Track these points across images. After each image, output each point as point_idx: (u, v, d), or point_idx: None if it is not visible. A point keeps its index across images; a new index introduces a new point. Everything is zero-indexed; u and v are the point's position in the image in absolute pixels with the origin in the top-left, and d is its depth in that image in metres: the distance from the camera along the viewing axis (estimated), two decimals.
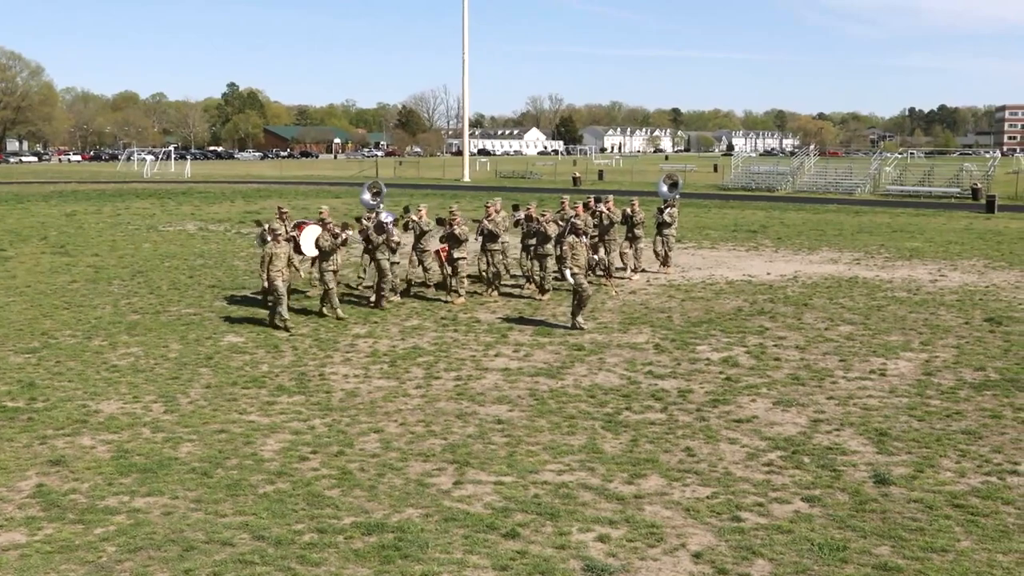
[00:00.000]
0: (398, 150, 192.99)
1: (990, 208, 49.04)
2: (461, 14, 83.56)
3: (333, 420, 12.95)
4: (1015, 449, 11.73)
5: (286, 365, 16.01)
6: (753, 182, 72.61)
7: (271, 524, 9.44)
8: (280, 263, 18.82)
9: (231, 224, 41.46)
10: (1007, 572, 8.44)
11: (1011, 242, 34.66)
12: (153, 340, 17.82)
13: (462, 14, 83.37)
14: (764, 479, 10.74)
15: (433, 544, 8.98)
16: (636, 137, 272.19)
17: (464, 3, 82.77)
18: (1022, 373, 15.34)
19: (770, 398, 14.02)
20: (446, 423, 12.84)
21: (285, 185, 75.19)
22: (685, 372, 15.54)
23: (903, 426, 12.66)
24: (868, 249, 32.39)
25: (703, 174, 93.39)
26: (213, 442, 12.02)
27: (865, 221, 43.62)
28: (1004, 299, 22.22)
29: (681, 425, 12.72)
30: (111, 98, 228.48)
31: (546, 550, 8.88)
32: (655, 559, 8.74)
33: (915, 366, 15.88)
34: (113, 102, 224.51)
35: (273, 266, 18.71)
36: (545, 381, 15.00)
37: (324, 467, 11.12)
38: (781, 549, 8.90)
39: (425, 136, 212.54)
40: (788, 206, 53.29)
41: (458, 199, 55.91)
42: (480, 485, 10.56)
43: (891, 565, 8.54)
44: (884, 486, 10.49)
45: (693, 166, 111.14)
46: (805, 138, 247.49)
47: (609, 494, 10.28)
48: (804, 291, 23.29)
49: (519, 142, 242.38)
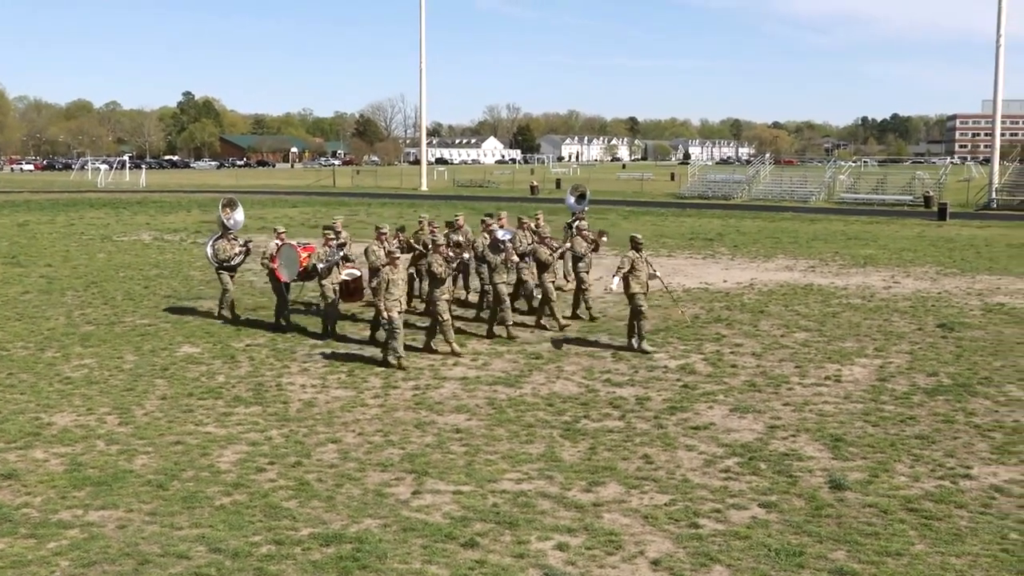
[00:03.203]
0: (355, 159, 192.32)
1: (942, 215, 49.71)
2: (418, 23, 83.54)
3: (290, 431, 12.88)
4: (967, 453, 11.89)
5: (243, 376, 15.89)
6: (710, 190, 73.13)
7: (228, 536, 9.36)
8: (398, 291, 16.40)
9: (187, 234, 41.13)
10: (960, 574, 8.54)
11: (962, 249, 35.14)
12: (107, 351, 17.63)
13: (419, 23, 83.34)
14: (721, 485, 10.80)
15: (392, 554, 8.95)
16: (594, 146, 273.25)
17: (421, 12, 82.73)
18: (974, 378, 15.55)
19: (727, 405, 14.11)
20: (404, 433, 12.80)
21: (242, 194, 74.61)
22: (643, 380, 15.61)
23: (858, 431, 12.78)
24: (823, 256, 32.70)
25: (660, 183, 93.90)
26: (169, 454, 11.91)
27: (820, 229, 44.04)
28: (956, 305, 22.51)
29: (639, 433, 12.77)
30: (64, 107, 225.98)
31: (505, 559, 8.87)
32: (614, 567, 8.76)
33: (869, 372, 16.05)
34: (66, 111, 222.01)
35: (390, 294, 16.19)
36: (503, 390, 15.00)
37: (281, 478, 11.05)
38: (738, 555, 8.95)
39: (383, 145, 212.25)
40: (744, 214, 53.69)
41: (416, 208, 55.86)
42: (439, 495, 10.53)
43: (847, 570, 8.62)
44: (840, 491, 10.59)
45: (650, 174, 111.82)
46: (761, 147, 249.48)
47: (568, 502, 10.30)
48: (760, 298, 23.47)
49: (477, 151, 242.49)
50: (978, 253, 33.74)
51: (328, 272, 18.70)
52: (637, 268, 17.34)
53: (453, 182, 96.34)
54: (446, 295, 17.19)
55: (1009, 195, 61.22)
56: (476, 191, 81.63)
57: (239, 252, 20.82)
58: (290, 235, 32.43)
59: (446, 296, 17.19)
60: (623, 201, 65.41)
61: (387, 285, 16.17)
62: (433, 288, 17.14)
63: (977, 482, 10.89)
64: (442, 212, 50.68)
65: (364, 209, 56.03)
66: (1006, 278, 27.26)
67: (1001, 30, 60.58)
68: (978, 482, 10.89)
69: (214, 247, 20.65)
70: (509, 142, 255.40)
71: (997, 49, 60.93)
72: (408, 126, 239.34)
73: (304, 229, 41.53)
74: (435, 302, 17.09)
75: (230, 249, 20.65)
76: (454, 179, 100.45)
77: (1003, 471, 11.26)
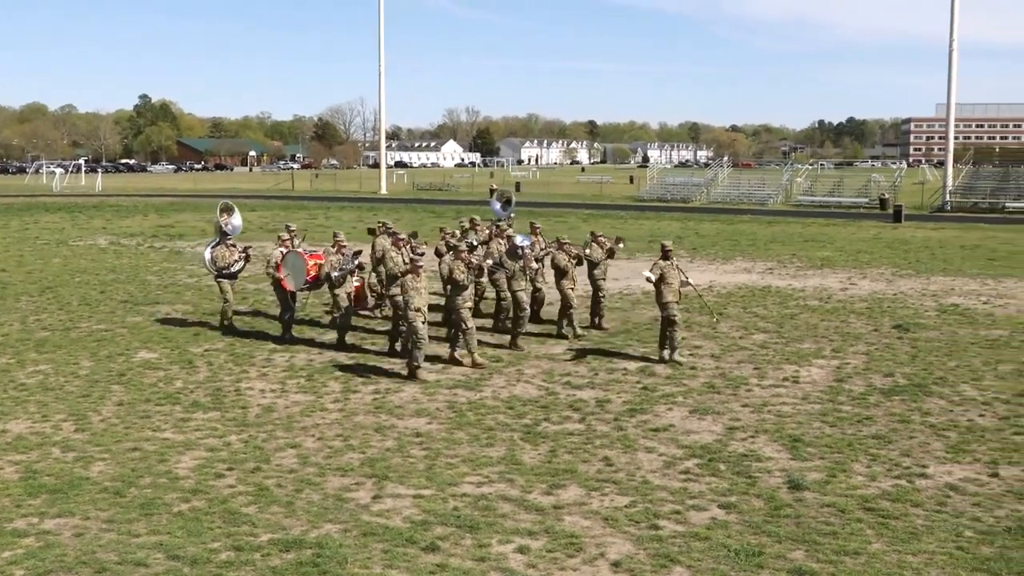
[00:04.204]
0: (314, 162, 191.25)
1: (897, 218, 50.29)
2: (377, 26, 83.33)
3: (249, 436, 12.79)
4: (923, 452, 12.03)
5: (201, 381, 15.77)
6: (668, 193, 73.49)
7: (186, 543, 9.28)
8: (421, 300, 15.70)
9: (144, 238, 40.75)
10: (916, 572, 8.64)
11: (917, 250, 35.57)
12: (63, 357, 17.42)
13: (378, 26, 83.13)
14: (681, 487, 10.85)
15: (352, 559, 8.92)
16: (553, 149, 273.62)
17: (380, 15, 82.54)
18: (929, 378, 15.74)
19: (686, 407, 14.19)
20: (364, 437, 12.76)
21: (199, 198, 74.12)
22: (603, 382, 15.65)
23: (816, 432, 12.90)
24: (781, 258, 32.97)
25: (619, 186, 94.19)
26: (126, 461, 11.79)
27: (777, 231, 44.41)
28: (911, 306, 22.78)
29: (599, 435, 12.80)
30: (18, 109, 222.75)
31: (466, 563, 8.86)
32: (575, 569, 8.78)
33: (827, 373, 16.20)
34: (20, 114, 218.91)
35: (413, 304, 15.63)
36: (463, 393, 14.99)
37: (240, 484, 10.98)
38: (698, 556, 9.00)
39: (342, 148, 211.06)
40: (703, 217, 54.02)
41: (375, 211, 55.72)
42: (399, 499, 10.51)
43: (805, 569, 8.69)
44: (798, 491, 10.67)
45: (610, 178, 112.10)
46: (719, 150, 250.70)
47: (528, 505, 10.31)
48: (719, 300, 23.62)
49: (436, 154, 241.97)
50: (933, 255, 34.16)
51: (343, 281, 18.13)
52: (668, 276, 16.87)
53: (413, 185, 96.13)
54: (468, 303, 16.64)
55: (963, 197, 62.05)
56: (436, 194, 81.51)
57: (238, 259, 20.14)
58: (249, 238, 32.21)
59: (468, 304, 16.64)
60: (582, 204, 65.61)
61: (411, 294, 15.59)
62: (455, 295, 16.49)
63: (933, 481, 11.03)
64: (402, 216, 50.65)
65: (323, 213, 55.78)
66: (960, 279, 27.63)
67: (954, 34, 61.45)
68: (933, 481, 11.03)
69: (212, 254, 20.02)
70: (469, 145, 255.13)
71: (950, 53, 61.78)
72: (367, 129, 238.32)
73: (262, 233, 41.30)
74: (458, 310, 16.50)
75: (229, 256, 19.93)
76: (414, 182, 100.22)
77: (958, 470, 11.40)
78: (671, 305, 16.80)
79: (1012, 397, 14.57)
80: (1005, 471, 11.33)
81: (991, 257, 33.38)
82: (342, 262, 18.16)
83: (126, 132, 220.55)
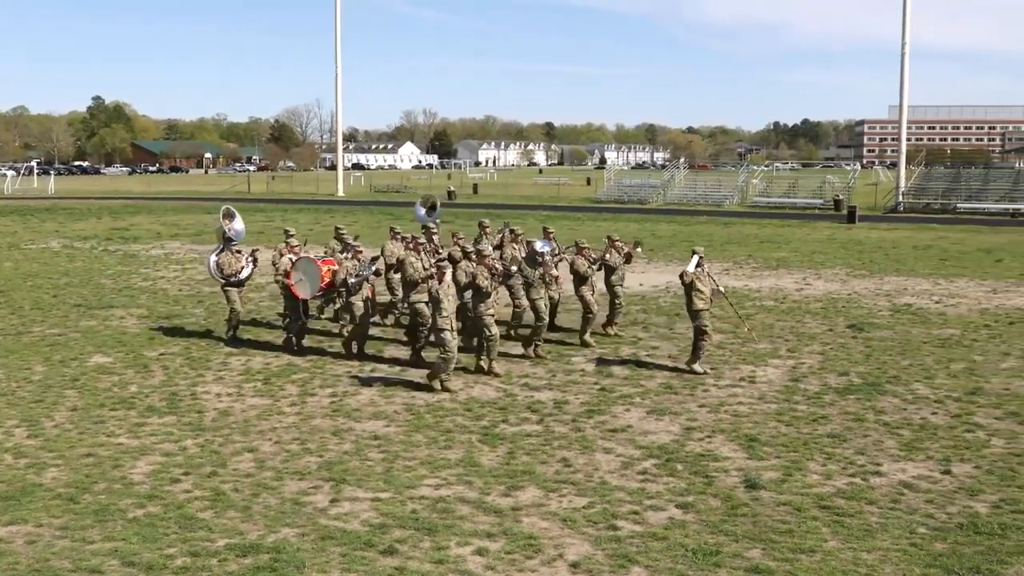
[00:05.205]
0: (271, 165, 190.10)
1: (851, 218, 50.81)
2: (334, 27, 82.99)
3: (206, 440, 12.69)
4: (877, 451, 12.16)
5: (156, 385, 15.62)
6: (625, 195, 73.87)
7: (142, 549, 9.19)
8: (450, 309, 15.18)
9: (98, 241, 40.30)
10: (871, 569, 8.73)
11: (871, 251, 35.97)
12: (15, 362, 17.19)
13: (335, 27, 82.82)
14: (639, 487, 10.90)
15: (310, 563, 8.87)
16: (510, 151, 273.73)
17: (336, 16, 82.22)
18: (883, 377, 15.92)
19: (644, 407, 14.25)
20: (322, 440, 12.70)
21: (154, 201, 73.45)
22: (560, 383, 15.68)
23: (772, 431, 13.00)
24: (737, 259, 33.20)
25: (577, 187, 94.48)
26: (80, 467, 11.65)
27: (734, 232, 44.71)
28: (865, 306, 23.03)
29: (557, 436, 12.83)
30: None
31: (424, 565, 8.85)
32: (533, 570, 8.79)
33: (782, 372, 16.33)
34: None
35: (444, 312, 15.06)
36: (421, 395, 14.95)
37: (197, 489, 10.89)
38: (656, 555, 9.04)
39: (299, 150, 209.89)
40: (660, 218, 54.28)
41: (332, 214, 55.51)
42: (357, 502, 10.47)
43: (762, 567, 8.76)
44: (755, 490, 10.76)
45: (567, 179, 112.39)
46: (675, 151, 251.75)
47: (487, 507, 10.31)
48: (676, 301, 23.73)
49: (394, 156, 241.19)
50: (886, 255, 34.56)
51: (359, 287, 17.29)
52: (699, 284, 16.40)
53: (370, 187, 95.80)
54: (491, 309, 16.07)
55: (915, 198, 62.82)
56: (393, 196, 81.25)
57: (245, 264, 19.20)
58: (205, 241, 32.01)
59: (491, 311, 16.07)
60: (540, 206, 65.69)
61: (437, 303, 14.98)
62: (478, 303, 16.01)
63: (887, 479, 11.15)
64: (359, 218, 50.46)
65: (280, 215, 55.42)
66: (912, 279, 27.97)
67: (906, 37, 62.18)
68: (888, 479, 11.15)
69: (218, 262, 18.97)
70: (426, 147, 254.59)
71: (902, 56, 62.52)
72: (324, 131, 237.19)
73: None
74: (481, 316, 16.01)
75: (236, 263, 18.98)
76: (371, 184, 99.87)
77: (911, 467, 11.54)
78: (703, 314, 16.26)
79: (964, 395, 14.76)
80: (957, 468, 11.49)
81: (943, 257, 33.83)
82: (358, 268, 17.41)
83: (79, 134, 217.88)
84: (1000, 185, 64.96)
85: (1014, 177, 68.81)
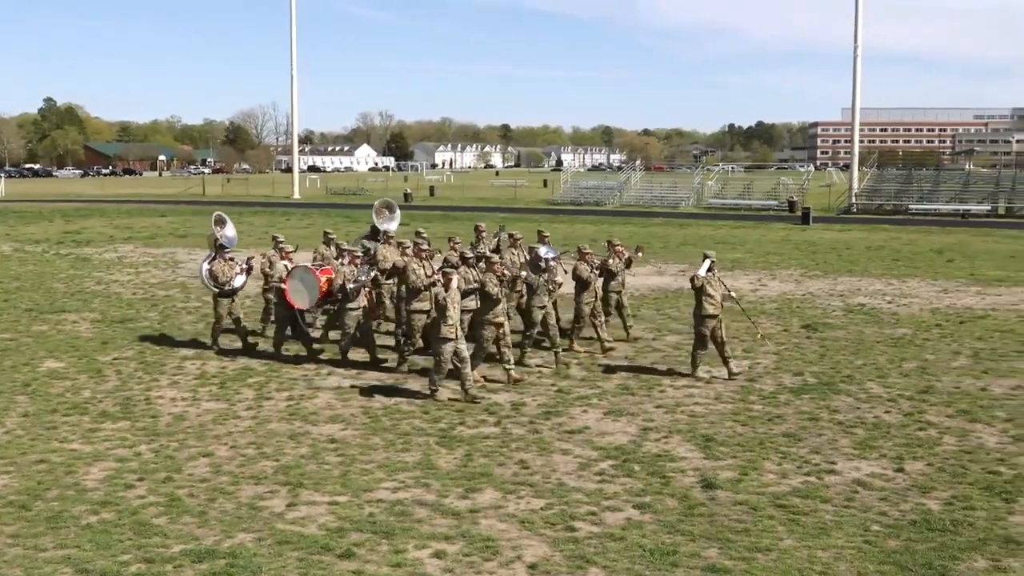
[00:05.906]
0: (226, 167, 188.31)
1: (805, 220, 51.28)
2: (289, 29, 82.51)
3: (160, 445, 12.57)
4: (832, 449, 12.28)
5: (110, 390, 15.45)
6: (582, 197, 74.10)
7: (95, 556, 9.08)
8: (455, 316, 14.66)
9: (49, 244, 39.77)
10: (826, 567, 8.82)
11: (825, 252, 36.32)
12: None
13: (290, 29, 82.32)
14: (596, 488, 10.93)
15: (266, 568, 8.82)
16: (467, 153, 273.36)
17: (292, 18, 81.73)
18: (837, 377, 16.08)
19: (601, 408, 14.29)
20: (278, 444, 12.62)
21: (107, 203, 72.60)
22: (517, 385, 15.67)
23: (728, 431, 13.09)
24: (693, 261, 33.33)
25: (533, 189, 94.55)
26: (32, 473, 11.50)
27: (689, 233, 44.98)
28: (819, 306, 23.26)
29: (515, 438, 12.84)
30: None
31: (382, 569, 8.82)
32: (491, 572, 8.79)
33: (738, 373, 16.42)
34: None
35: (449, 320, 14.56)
36: (379, 398, 14.91)
37: (151, 494, 10.78)
38: (614, 556, 9.07)
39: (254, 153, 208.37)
40: (616, 220, 54.48)
41: (288, 216, 55.18)
42: (314, 506, 10.42)
43: (719, 567, 8.81)
44: (711, 490, 10.83)
45: (524, 181, 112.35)
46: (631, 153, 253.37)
47: (444, 509, 10.29)
48: (632, 302, 23.76)
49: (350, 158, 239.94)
50: (839, 256, 34.92)
51: (356, 294, 16.85)
52: (710, 288, 15.98)
53: (326, 190, 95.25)
54: (500, 317, 15.49)
55: (868, 199, 63.52)
56: (350, 199, 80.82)
57: (239, 272, 18.72)
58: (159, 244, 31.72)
59: (500, 318, 15.53)
60: (497, 208, 65.67)
61: (442, 310, 14.49)
62: (485, 310, 15.51)
63: (841, 477, 11.27)
64: (315, 221, 50.17)
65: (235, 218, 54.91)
66: (865, 279, 28.28)
67: (858, 41, 62.88)
68: (842, 477, 11.27)
69: (211, 270, 18.37)
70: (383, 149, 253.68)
71: (855, 59, 63.23)
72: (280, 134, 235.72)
73: (173, 239, 40.67)
74: (482, 325, 15.63)
75: (229, 271, 18.45)
76: (327, 187, 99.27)
77: (865, 465, 11.67)
78: (708, 321, 15.84)
79: (916, 394, 14.95)
80: (910, 466, 11.63)
81: (895, 258, 34.25)
82: (356, 273, 17.04)
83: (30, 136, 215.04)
84: (951, 186, 65.94)
85: (964, 179, 69.99)
